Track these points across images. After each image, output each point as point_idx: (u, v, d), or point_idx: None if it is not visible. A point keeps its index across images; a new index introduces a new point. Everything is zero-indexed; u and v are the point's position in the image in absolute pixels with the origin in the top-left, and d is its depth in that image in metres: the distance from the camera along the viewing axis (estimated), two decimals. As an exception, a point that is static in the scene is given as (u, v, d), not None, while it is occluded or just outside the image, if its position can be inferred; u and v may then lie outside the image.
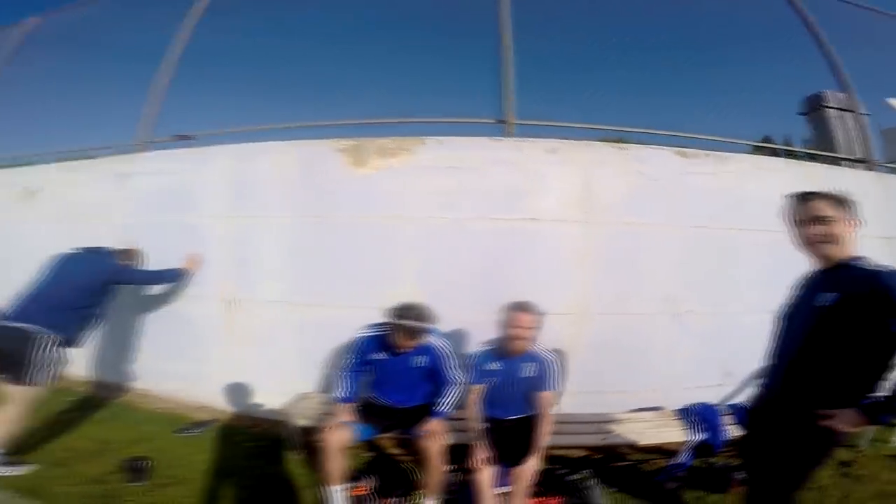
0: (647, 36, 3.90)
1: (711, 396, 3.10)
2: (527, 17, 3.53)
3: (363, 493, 2.41)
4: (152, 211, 3.64)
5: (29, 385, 2.54)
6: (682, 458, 2.65)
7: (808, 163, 3.77)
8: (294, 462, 2.77)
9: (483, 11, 3.62)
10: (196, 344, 3.48)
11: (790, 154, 4.18)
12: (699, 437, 2.72)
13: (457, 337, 2.90)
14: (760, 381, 1.81)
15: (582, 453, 2.82)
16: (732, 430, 2.66)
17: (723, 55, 3.93)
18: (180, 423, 3.25)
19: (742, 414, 2.28)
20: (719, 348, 3.20)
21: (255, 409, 3.31)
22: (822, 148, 4.48)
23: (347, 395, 2.47)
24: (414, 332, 2.36)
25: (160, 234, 3.47)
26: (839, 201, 1.56)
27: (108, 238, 3.39)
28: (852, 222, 1.55)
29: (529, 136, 3.17)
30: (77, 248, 2.94)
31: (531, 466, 2.25)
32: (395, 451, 2.87)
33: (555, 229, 3.02)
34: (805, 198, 1.62)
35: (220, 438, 3.06)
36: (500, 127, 3.27)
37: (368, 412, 2.49)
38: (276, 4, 4.36)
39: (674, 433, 2.78)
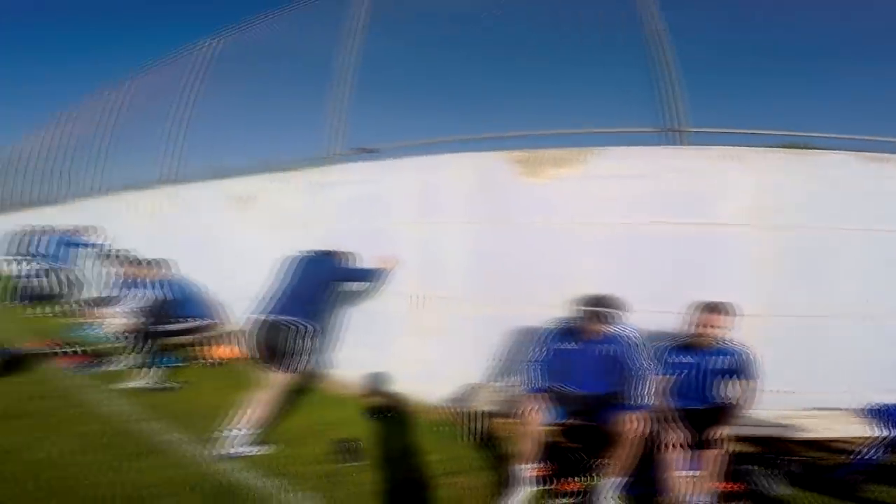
0: (819, 37, 3.75)
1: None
2: (686, 25, 3.63)
3: (543, 473, 2.64)
4: (348, 217, 4.32)
5: (288, 373, 3.03)
6: (867, 453, 2.69)
7: None
8: (471, 445, 3.15)
9: (638, 21, 3.77)
10: (386, 336, 4.06)
11: None
12: (887, 433, 2.71)
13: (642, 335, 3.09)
14: None
15: (759, 447, 2.94)
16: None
17: None
18: (372, 408, 3.74)
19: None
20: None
21: (435, 397, 3.77)
22: None
23: (537, 383, 2.76)
24: (605, 318, 2.64)
25: (355, 238, 4.02)
26: None
27: (310, 242, 4.06)
28: None
29: (701, 144, 3.32)
30: (311, 251, 3.57)
31: (719, 452, 2.43)
32: (566, 438, 3.12)
33: (732, 234, 3.16)
34: None
35: (401, 423, 3.51)
36: (668, 135, 3.45)
37: (558, 398, 2.76)
38: (440, 20, 4.72)
39: (858, 430, 2.83)
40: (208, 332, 5.06)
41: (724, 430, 2.47)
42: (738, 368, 2.63)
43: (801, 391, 3.13)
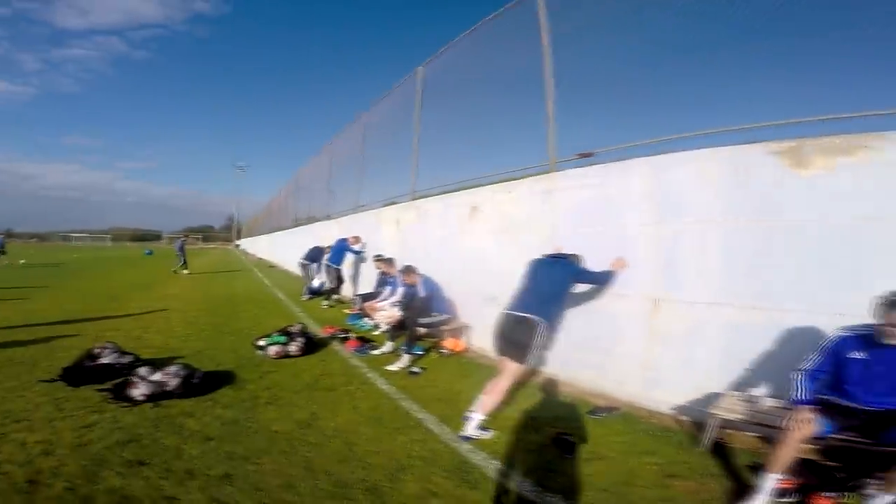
0: None
1: None
2: None
3: (790, 486, 2.48)
4: (572, 221, 4.51)
5: (525, 365, 3.30)
6: None
7: None
8: (698, 452, 3.05)
9: None
10: (614, 339, 4.09)
11: None
12: None
13: None
14: None
15: None
16: None
17: None
18: (586, 406, 3.88)
19: None
20: None
21: (662, 403, 3.68)
22: None
23: (807, 394, 2.51)
24: None
25: (581, 241, 4.20)
26: None
27: (535, 245, 4.38)
28: None
29: None
30: (549, 255, 3.87)
31: None
32: (820, 455, 2.83)
33: None
34: None
35: (622, 423, 3.56)
36: None
37: (832, 411, 2.48)
38: (628, 18, 4.47)
39: None
40: (445, 326, 5.89)
41: None
42: None
43: None
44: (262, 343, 5.39)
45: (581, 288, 4.15)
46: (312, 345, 5.59)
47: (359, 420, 3.54)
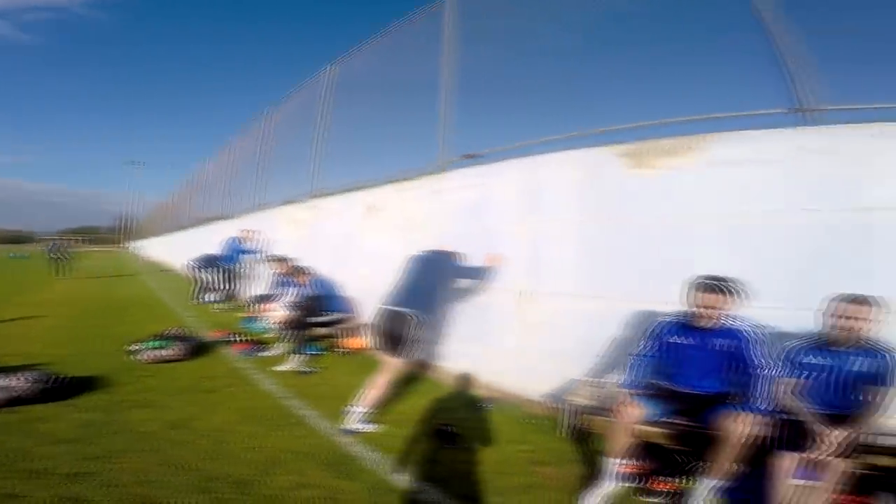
0: None
1: None
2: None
3: (634, 470, 2.63)
4: (458, 219, 4.71)
5: (403, 358, 3.41)
6: None
7: None
8: (564, 439, 3.26)
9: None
10: (491, 331, 4.33)
11: None
12: None
13: (770, 333, 2.85)
14: None
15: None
16: None
17: None
18: (474, 398, 4.04)
19: None
20: None
21: (536, 391, 3.90)
22: None
23: (634, 380, 2.74)
24: (725, 290, 2.54)
25: (466, 238, 4.39)
26: None
27: (428, 243, 4.44)
28: None
29: (844, 122, 2.93)
30: (426, 250, 4.01)
31: (845, 463, 2.19)
32: (663, 438, 2.97)
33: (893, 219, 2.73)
34: None
35: (498, 414, 3.72)
36: (795, 116, 3.12)
37: (660, 396, 2.70)
38: (525, 22, 4.87)
39: None
40: (344, 324, 5.87)
41: (853, 438, 2.20)
42: (879, 373, 2.33)
43: None
44: (136, 347, 5.02)
45: (464, 283, 4.36)
46: (196, 348, 5.37)
47: (236, 419, 3.48)
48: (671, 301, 2.90)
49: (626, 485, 2.60)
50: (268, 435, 3.22)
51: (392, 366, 3.47)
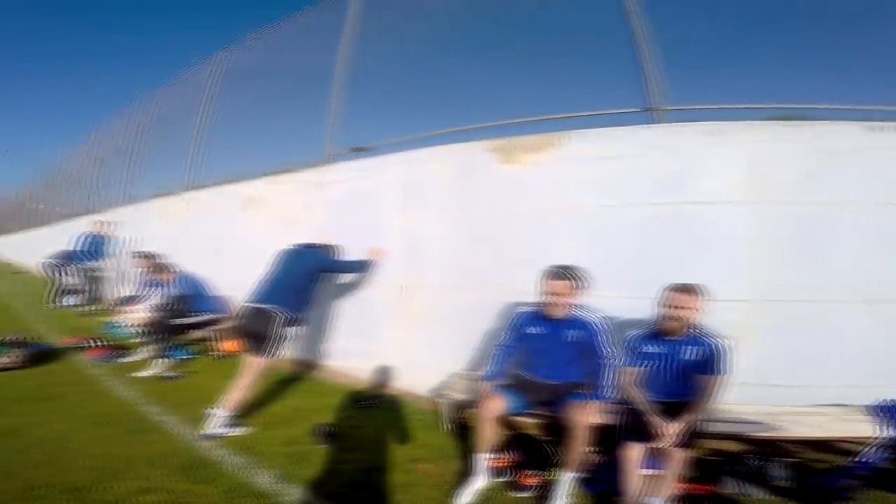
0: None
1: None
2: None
3: (504, 464, 2.62)
4: (342, 213, 4.51)
5: (266, 357, 3.21)
6: (866, 455, 2.41)
7: None
8: (446, 434, 3.18)
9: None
10: (374, 326, 4.20)
11: None
12: (892, 433, 2.42)
13: (615, 322, 3.00)
14: None
15: (741, 446, 2.74)
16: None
17: None
18: (358, 396, 3.88)
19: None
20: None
21: (420, 386, 3.83)
22: None
23: (495, 372, 2.76)
24: (565, 276, 2.63)
25: (349, 232, 4.22)
26: None
27: (311, 236, 4.29)
28: None
29: (682, 121, 3.20)
30: (297, 244, 3.76)
31: (684, 451, 2.24)
32: (533, 429, 3.10)
33: (723, 212, 3.01)
34: None
35: (384, 411, 3.61)
36: (647, 115, 3.35)
37: (520, 387, 2.73)
38: (419, 20, 4.85)
39: (858, 429, 2.54)
40: (218, 325, 5.35)
41: (690, 427, 2.28)
42: (708, 360, 2.45)
43: (799, 385, 2.92)
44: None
45: (345, 278, 4.24)
46: (38, 355, 4.85)
47: (81, 427, 3.22)
48: (530, 291, 2.90)
49: (497, 480, 2.56)
50: (115, 441, 3.00)
51: (255, 366, 3.24)
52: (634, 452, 2.32)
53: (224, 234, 5.99)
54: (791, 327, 2.94)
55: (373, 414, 3.56)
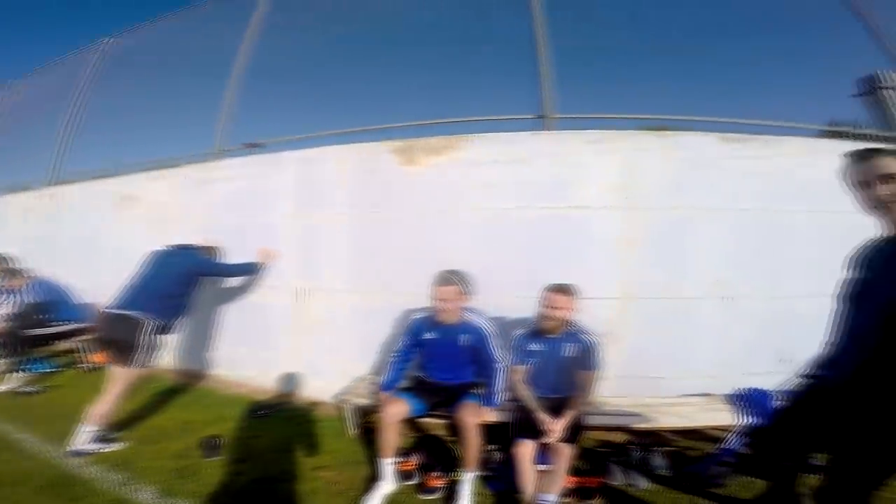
0: (686, 22, 3.93)
1: (764, 383, 3.15)
2: (560, 14, 3.72)
3: (410, 468, 2.60)
4: (230, 212, 4.18)
5: (133, 367, 2.94)
6: (730, 442, 2.65)
7: (860, 143, 3.67)
8: (351, 440, 3.08)
9: (518, 10, 3.86)
10: (268, 331, 3.97)
11: (858, 136, 4.04)
12: (750, 420, 2.70)
13: (508, 321, 3.14)
14: (821, 367, 1.67)
15: (625, 437, 2.92)
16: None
17: (768, 39, 3.89)
18: (254, 405, 3.64)
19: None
20: (773, 334, 3.24)
21: (321, 392, 3.70)
22: (880, 128, 4.30)
23: (392, 378, 2.77)
24: (453, 287, 2.65)
25: (237, 233, 3.98)
26: None
27: (192, 237, 3.94)
28: None
29: (569, 129, 3.36)
30: (170, 245, 3.42)
31: (569, 445, 2.34)
32: (440, 430, 3.14)
33: (600, 216, 3.21)
34: (867, 155, 1.45)
35: (285, 420, 3.41)
36: (540, 122, 3.50)
37: (420, 390, 2.74)
38: (326, 20, 4.76)
39: (721, 417, 2.80)
40: (80, 336, 4.76)
41: (571, 422, 2.40)
42: (584, 356, 2.60)
43: (669, 377, 3.20)
44: None
45: (233, 282, 3.98)
46: None
47: None
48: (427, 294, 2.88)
49: (404, 483, 2.53)
50: None
51: (122, 376, 2.97)
52: (526, 449, 2.37)
53: (98, 235, 5.29)
54: (658, 323, 3.21)
55: (271, 423, 3.35)
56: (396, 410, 2.55)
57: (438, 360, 2.81)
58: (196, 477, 2.60)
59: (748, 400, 2.90)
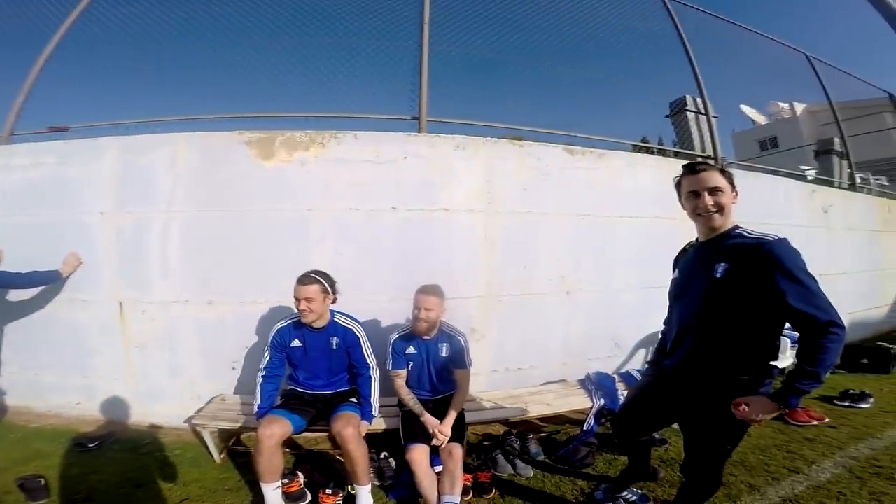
0: (547, 43, 4.45)
1: (604, 367, 3.68)
2: (441, 20, 3.89)
3: (296, 489, 2.43)
4: (21, 208, 3.35)
5: None
6: (588, 424, 3.05)
7: (672, 159, 4.58)
8: (214, 466, 2.77)
9: (403, 13, 3.95)
10: (85, 352, 3.30)
11: (661, 152, 4.98)
12: (600, 402, 3.13)
13: (374, 325, 3.10)
14: (660, 354, 1.99)
15: (501, 429, 3.12)
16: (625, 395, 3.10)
17: (609, 63, 4.63)
18: (73, 438, 3.06)
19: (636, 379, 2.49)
20: (606, 323, 3.79)
21: (160, 418, 3.24)
22: (683, 146, 5.44)
23: (265, 399, 2.53)
24: (317, 286, 2.50)
25: (31, 233, 3.25)
26: (726, 173, 1.69)
27: None
28: (735, 193, 1.69)
29: (440, 133, 3.48)
30: None
31: (460, 444, 2.42)
32: (323, 444, 3.00)
33: (463, 219, 3.37)
34: (696, 169, 1.70)
35: (125, 451, 2.94)
36: (413, 123, 3.56)
37: (296, 403, 2.54)
38: None
39: (578, 401, 3.19)
40: None
41: (457, 418, 2.50)
42: (456, 355, 2.68)
43: (529, 367, 3.52)
44: None
45: (26, 294, 3.23)
46: None
47: None
48: (287, 300, 2.68)
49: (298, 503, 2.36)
50: None
51: None
52: (421, 454, 2.35)
53: None
54: (516, 318, 3.51)
55: (106, 456, 2.87)
56: (275, 431, 2.28)
57: (310, 368, 2.62)
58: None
59: (595, 383, 3.34)
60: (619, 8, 4.83)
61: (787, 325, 1.53)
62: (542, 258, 3.58)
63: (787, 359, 3.63)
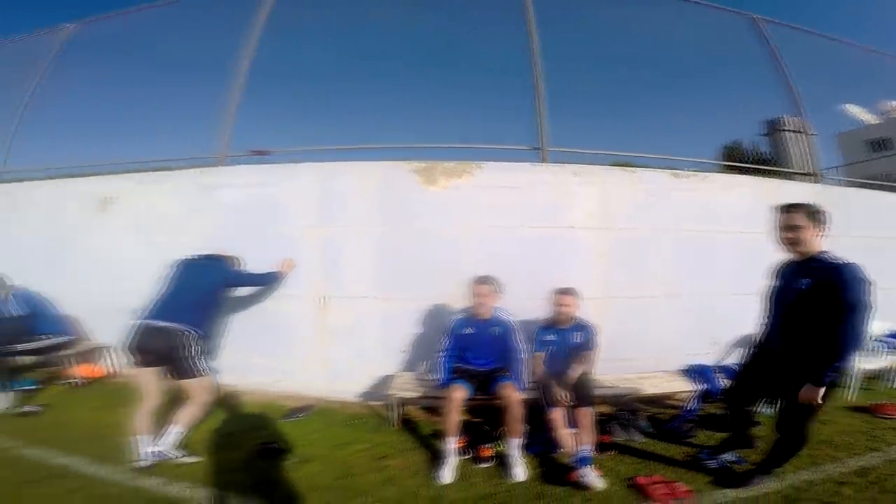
0: (643, 72, 5.14)
1: (703, 362, 4.38)
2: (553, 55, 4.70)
3: (463, 444, 3.21)
4: (237, 220, 4.45)
5: (192, 378, 3.11)
6: (691, 404, 3.81)
7: (766, 178, 5.12)
8: (392, 431, 3.63)
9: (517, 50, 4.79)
10: (289, 338, 4.34)
11: (755, 171, 5.49)
12: (702, 386, 3.88)
13: (523, 320, 3.85)
14: (761, 340, 2.70)
15: (611, 408, 3.90)
16: (724, 383, 3.80)
17: (700, 84, 5.25)
18: (278, 411, 3.94)
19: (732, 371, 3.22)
20: (706, 323, 4.48)
21: (346, 393, 4.22)
22: (779, 164, 5.89)
23: (446, 372, 3.42)
24: (493, 286, 3.47)
25: (245, 242, 4.21)
26: (810, 212, 2.39)
27: (190, 246, 4.01)
28: (819, 229, 2.39)
29: (559, 161, 4.36)
30: (196, 255, 3.61)
31: (588, 411, 3.17)
32: (467, 415, 3.75)
33: (583, 235, 4.24)
34: (785, 209, 2.46)
35: (322, 420, 3.82)
36: (535, 152, 4.45)
37: (465, 376, 3.36)
38: (337, 26, 5.24)
39: (682, 385, 3.97)
40: (65, 350, 4.74)
41: (590, 391, 3.31)
42: (586, 341, 3.56)
43: (634, 358, 4.29)
44: None
45: (247, 291, 4.21)
46: None
47: None
48: (448, 297, 3.87)
49: (462, 457, 3.14)
50: (20, 495, 2.62)
51: (193, 389, 3.16)
52: (557, 414, 3.18)
53: (61, 243, 5.11)
54: (626, 316, 4.30)
55: (308, 425, 3.73)
56: (459, 395, 3.17)
57: (476, 350, 3.53)
58: (275, 483, 2.83)
59: (698, 373, 4.08)
60: (709, 31, 5.42)
61: (885, 332, 2.34)
62: (650, 268, 4.36)
63: (881, 361, 4.25)
